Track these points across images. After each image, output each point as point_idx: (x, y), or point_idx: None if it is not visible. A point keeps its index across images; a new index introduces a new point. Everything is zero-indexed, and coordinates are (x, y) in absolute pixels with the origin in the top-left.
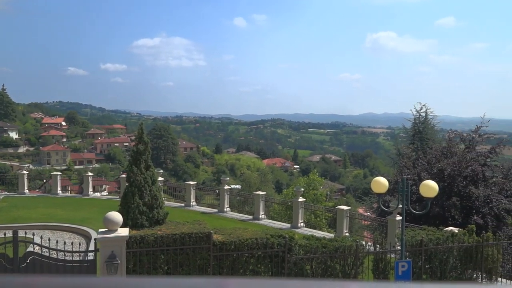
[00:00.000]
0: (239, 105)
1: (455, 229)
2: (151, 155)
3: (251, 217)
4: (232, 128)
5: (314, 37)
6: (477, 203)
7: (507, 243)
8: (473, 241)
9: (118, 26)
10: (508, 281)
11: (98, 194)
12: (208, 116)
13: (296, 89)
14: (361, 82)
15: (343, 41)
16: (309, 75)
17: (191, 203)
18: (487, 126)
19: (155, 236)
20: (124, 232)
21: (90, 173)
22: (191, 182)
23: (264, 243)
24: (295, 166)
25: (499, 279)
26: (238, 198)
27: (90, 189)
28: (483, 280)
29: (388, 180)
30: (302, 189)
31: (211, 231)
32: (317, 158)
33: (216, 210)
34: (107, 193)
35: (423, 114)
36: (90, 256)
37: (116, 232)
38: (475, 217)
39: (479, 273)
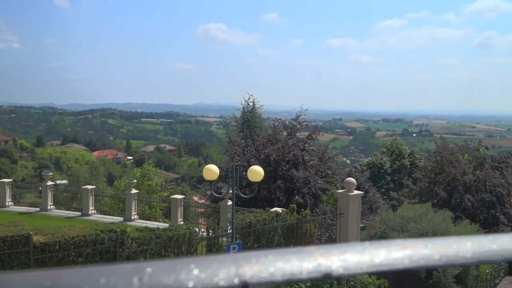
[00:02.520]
0: (64, 93)
1: (279, 209)
2: None
3: (79, 213)
4: (56, 118)
5: (147, 24)
6: (298, 184)
7: (322, 218)
8: (294, 219)
9: None
10: None
11: None
12: (27, 106)
13: (128, 77)
14: (194, 71)
15: (177, 30)
16: (142, 63)
17: (7, 203)
18: (305, 115)
19: None
20: None
21: None
22: (6, 180)
23: (94, 240)
24: (129, 157)
25: None
26: (65, 194)
27: None
28: None
29: (221, 167)
30: (135, 181)
31: (31, 233)
32: (151, 148)
33: (38, 209)
34: None
35: (251, 104)
36: None
37: None
38: (296, 197)
39: (300, 246)
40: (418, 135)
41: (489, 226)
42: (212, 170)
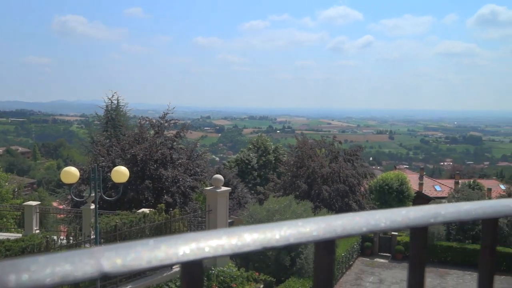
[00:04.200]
0: None
1: (147, 210)
2: None
3: None
4: None
5: None
6: (166, 183)
7: (192, 216)
8: (162, 219)
9: None
10: None
11: None
12: None
13: None
14: (51, 66)
15: (28, 20)
16: None
17: None
18: (173, 113)
19: None
20: None
21: None
22: None
23: None
24: None
25: None
26: None
27: None
28: None
29: (83, 169)
30: None
31: None
32: (0, 151)
33: None
34: None
35: (115, 102)
36: None
37: None
38: (165, 196)
39: None
40: (282, 131)
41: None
42: (71, 173)
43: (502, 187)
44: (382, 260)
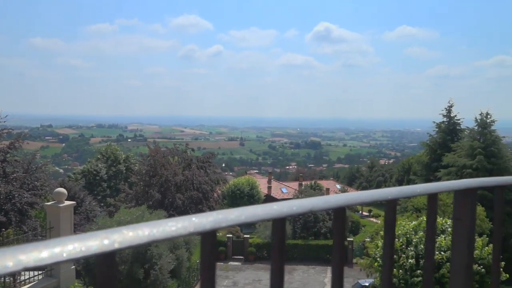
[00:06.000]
0: None
1: None
2: None
3: None
4: None
5: None
6: None
7: (32, 235)
8: None
9: None
10: None
11: None
12: None
13: None
14: None
15: None
16: None
17: None
18: (5, 122)
19: None
20: None
21: None
22: None
23: None
24: None
25: None
26: None
27: None
28: None
29: None
30: None
31: None
32: None
33: None
34: None
35: None
36: None
37: None
38: None
39: None
40: (133, 140)
41: None
42: None
43: (338, 186)
44: (235, 263)
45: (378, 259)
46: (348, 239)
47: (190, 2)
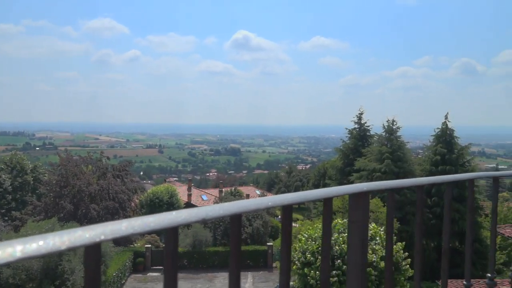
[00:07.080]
0: None
1: None
2: None
3: None
4: None
5: None
6: None
7: None
8: None
9: None
10: None
11: None
12: None
13: None
14: None
15: None
16: None
17: None
18: None
19: None
20: None
21: None
22: None
23: None
24: None
25: None
26: None
27: None
28: None
29: None
30: None
31: None
32: None
33: None
34: None
35: None
36: None
37: None
38: None
39: None
40: (42, 148)
41: None
42: None
43: (258, 192)
44: (155, 274)
45: (296, 262)
46: (268, 243)
47: (104, 6)
